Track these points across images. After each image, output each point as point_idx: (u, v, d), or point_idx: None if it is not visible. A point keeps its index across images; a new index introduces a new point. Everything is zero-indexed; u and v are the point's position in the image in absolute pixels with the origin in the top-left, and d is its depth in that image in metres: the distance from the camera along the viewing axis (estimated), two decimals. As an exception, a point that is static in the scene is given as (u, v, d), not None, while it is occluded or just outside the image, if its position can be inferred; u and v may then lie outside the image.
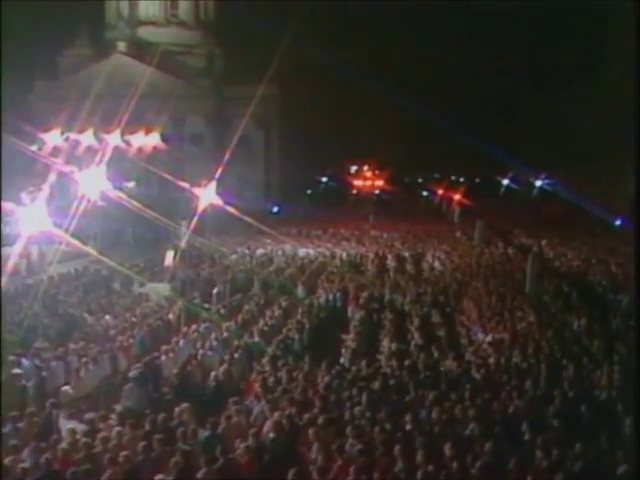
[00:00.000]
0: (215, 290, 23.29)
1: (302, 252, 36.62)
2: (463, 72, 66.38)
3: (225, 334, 17.37)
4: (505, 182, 75.20)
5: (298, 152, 64.05)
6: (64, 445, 9.59)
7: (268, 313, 20.19)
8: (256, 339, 17.00)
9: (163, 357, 15.07)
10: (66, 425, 10.70)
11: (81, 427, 10.39)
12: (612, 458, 9.07)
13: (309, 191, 75.40)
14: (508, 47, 65.94)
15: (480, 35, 67.24)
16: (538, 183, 71.71)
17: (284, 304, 21.82)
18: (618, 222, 45.27)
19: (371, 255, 34.89)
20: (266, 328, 18.28)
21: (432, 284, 25.29)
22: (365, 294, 23.49)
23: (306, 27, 54.36)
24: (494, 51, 65.55)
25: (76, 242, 20.76)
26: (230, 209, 32.01)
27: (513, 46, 66.38)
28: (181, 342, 16.39)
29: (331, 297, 23.62)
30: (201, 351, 15.53)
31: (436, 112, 55.38)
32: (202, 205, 24.27)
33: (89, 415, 11.28)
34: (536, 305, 20.58)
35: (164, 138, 50.61)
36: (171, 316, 19.70)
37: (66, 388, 13.06)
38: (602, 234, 43.42)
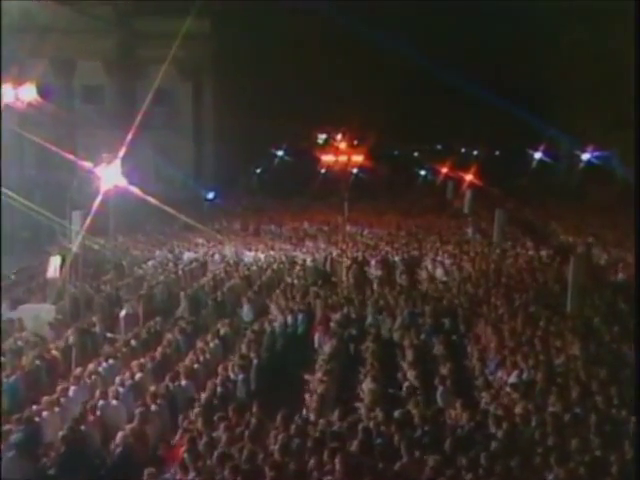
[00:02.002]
0: (123, 312, 23.25)
1: (248, 256, 36.93)
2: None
3: (137, 376, 17.32)
4: (537, 156, 76.05)
5: (242, 114, 63.95)
6: None
7: (199, 344, 20.19)
8: (182, 382, 16.99)
9: (45, 413, 14.96)
10: None
11: None
12: None
13: (258, 169, 75.47)
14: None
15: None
16: (584, 157, 72.57)
17: (223, 331, 21.89)
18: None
19: (346, 260, 35.02)
20: (197, 366, 18.27)
21: (433, 301, 25.44)
22: (338, 316, 23.60)
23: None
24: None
25: None
26: (144, 196, 31.97)
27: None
28: (72, 390, 16.29)
29: (290, 320, 23.70)
30: (101, 402, 15.46)
31: (438, 57, 55.69)
32: (103, 190, 24.17)
33: None
34: (582, 331, 20.84)
35: (43, 91, 50.03)
36: (56, 352, 19.56)
37: None
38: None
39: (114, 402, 15.62)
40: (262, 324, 23.11)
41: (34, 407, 15.05)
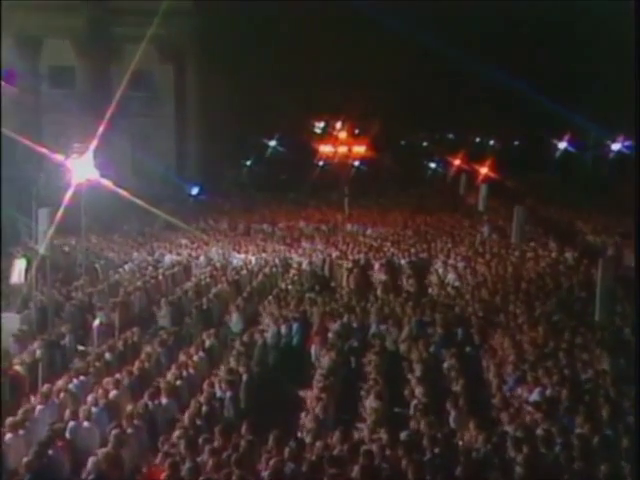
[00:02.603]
0: (96, 322, 23.19)
1: (237, 259, 36.96)
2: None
3: (112, 394, 17.30)
4: (562, 146, 76.09)
5: (229, 100, 63.93)
6: None
7: (182, 358, 20.18)
8: (163, 401, 16.98)
9: (8, 436, 14.93)
10: None
11: None
12: None
13: (248, 162, 75.55)
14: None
15: None
16: (615, 147, 72.52)
17: (208, 343, 21.91)
18: None
19: (347, 263, 35.12)
20: (179, 382, 18.26)
21: (443, 309, 25.51)
22: (337, 325, 23.69)
23: None
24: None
25: None
26: (120, 191, 31.93)
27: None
28: (38, 410, 16.27)
29: (284, 330, 23.76)
30: (71, 423, 15.43)
31: (450, 36, 55.70)
32: (74, 185, 24.14)
33: None
34: (611, 343, 20.83)
35: (6, 74, 50.06)
36: (20, 367, 19.53)
37: None
38: None
39: (86, 424, 15.56)
40: (252, 335, 23.07)
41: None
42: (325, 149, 75.22)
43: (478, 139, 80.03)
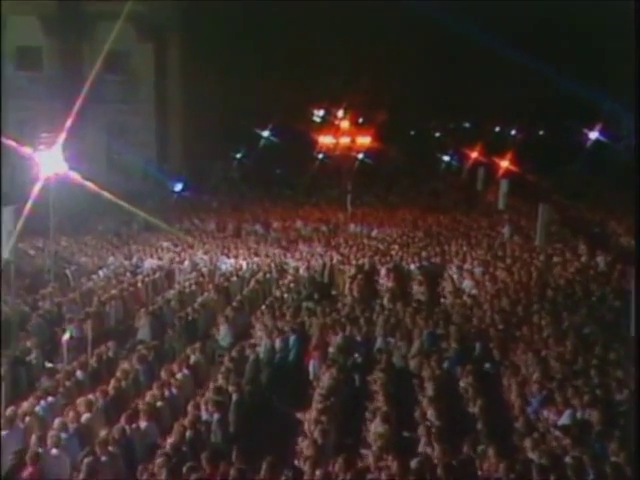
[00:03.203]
0: (66, 335, 23.10)
1: (227, 264, 37.11)
2: None
3: (84, 417, 17.26)
4: (593, 136, 76.05)
5: (217, 84, 63.93)
6: None
7: (164, 376, 20.14)
8: (142, 425, 16.95)
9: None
10: None
11: None
12: None
13: (239, 154, 75.48)
14: None
15: None
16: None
17: (194, 359, 21.89)
18: None
19: (350, 269, 35.18)
20: (160, 404, 18.23)
21: (459, 320, 25.55)
22: (339, 339, 23.68)
23: None
24: None
25: None
26: (94, 187, 31.89)
27: None
28: (1, 435, 16.24)
29: (279, 345, 23.76)
30: (39, 450, 15.38)
31: (466, 13, 55.72)
32: (41, 180, 24.10)
33: None
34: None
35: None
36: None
37: None
38: None
39: (54, 451, 15.49)
40: (243, 349, 23.02)
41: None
42: (325, 140, 75.28)
43: (498, 128, 79.98)
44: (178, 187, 58.46)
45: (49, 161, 25.20)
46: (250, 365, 21.65)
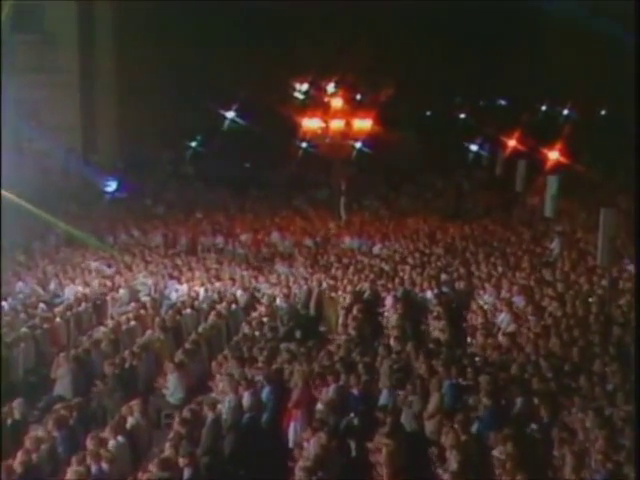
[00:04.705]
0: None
1: (177, 291, 37.12)
2: None
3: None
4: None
5: (163, 49, 63.99)
6: None
7: (91, 445, 19.94)
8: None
9: None
10: None
11: None
12: None
13: (194, 142, 75.43)
14: None
15: None
16: None
17: (132, 421, 21.81)
18: None
19: (344, 298, 35.20)
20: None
21: (492, 367, 25.42)
22: (329, 392, 23.61)
23: None
24: None
25: None
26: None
27: None
28: None
29: (247, 401, 23.68)
30: None
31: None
32: None
33: None
34: None
35: None
36: None
37: None
38: None
39: None
40: (199, 407, 22.93)
41: None
42: (310, 124, 75.02)
43: (544, 107, 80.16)
44: (111, 186, 58.33)
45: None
46: (208, 429, 21.58)
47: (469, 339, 30.48)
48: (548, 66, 72.14)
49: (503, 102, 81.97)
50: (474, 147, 78.73)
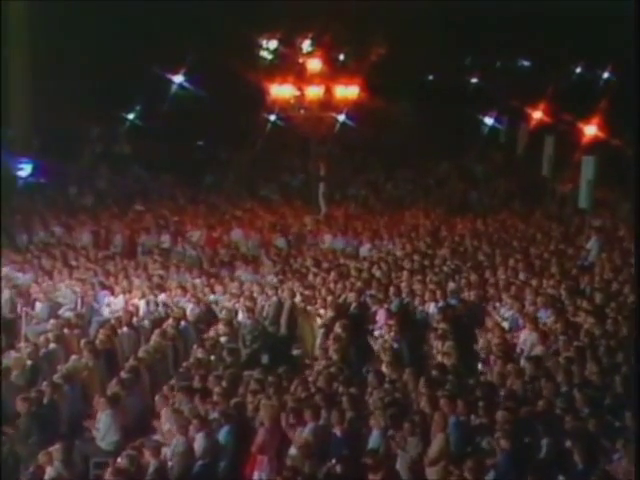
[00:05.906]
0: None
1: (111, 305, 37.21)
2: None
3: None
4: None
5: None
6: None
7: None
8: None
9: None
10: None
11: None
12: None
13: (131, 114, 75.40)
14: None
15: None
16: None
17: (52, 471, 21.96)
18: None
19: (324, 312, 35.17)
20: None
21: (511, 402, 25.24)
22: (305, 432, 23.64)
23: None
24: None
25: None
26: None
27: None
28: None
29: (200, 444, 23.68)
30: None
31: None
32: None
33: None
34: None
35: None
36: None
37: None
38: None
39: None
40: (138, 453, 22.95)
41: None
42: (281, 91, 74.79)
43: (579, 69, 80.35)
44: (25, 170, 58.19)
45: None
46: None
47: (482, 365, 30.48)
48: (581, 14, 72.43)
49: (525, 62, 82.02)
50: (489, 120, 78.78)
